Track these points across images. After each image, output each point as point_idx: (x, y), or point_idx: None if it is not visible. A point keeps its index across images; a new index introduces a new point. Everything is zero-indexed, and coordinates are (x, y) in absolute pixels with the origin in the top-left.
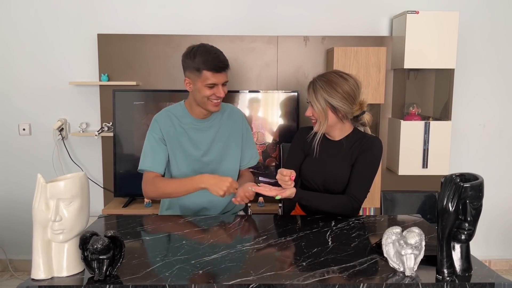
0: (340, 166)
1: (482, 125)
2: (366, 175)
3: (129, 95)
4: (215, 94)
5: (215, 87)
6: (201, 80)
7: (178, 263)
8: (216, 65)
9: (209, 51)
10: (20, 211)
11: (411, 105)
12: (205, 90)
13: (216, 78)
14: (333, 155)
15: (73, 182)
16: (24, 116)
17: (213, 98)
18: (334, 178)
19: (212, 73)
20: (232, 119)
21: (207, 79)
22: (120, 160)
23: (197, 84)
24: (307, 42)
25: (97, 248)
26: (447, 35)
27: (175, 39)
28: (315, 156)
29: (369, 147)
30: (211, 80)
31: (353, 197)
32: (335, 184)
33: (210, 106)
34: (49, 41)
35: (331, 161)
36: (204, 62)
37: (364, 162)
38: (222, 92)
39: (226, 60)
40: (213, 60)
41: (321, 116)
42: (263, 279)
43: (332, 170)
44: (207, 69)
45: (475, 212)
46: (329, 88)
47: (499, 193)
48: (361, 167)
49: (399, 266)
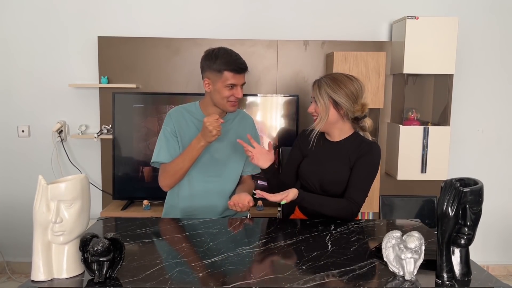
0: (338, 167)
1: (480, 130)
2: (365, 179)
3: (129, 97)
4: (234, 95)
5: (234, 88)
6: (222, 81)
7: (178, 265)
8: (238, 67)
9: (230, 53)
10: (18, 213)
11: (410, 110)
12: (225, 90)
13: (236, 79)
14: (331, 156)
15: (74, 184)
16: (23, 118)
17: (231, 99)
18: (331, 179)
19: (233, 74)
20: (243, 124)
21: (227, 79)
22: (119, 162)
23: (217, 84)
24: (307, 47)
25: (97, 250)
26: (446, 41)
27: (175, 42)
28: (313, 156)
29: (368, 151)
30: (231, 81)
31: (352, 201)
32: (331, 184)
33: (229, 106)
34: (50, 43)
35: (328, 162)
36: (225, 63)
37: (363, 166)
38: (240, 93)
39: (245, 62)
40: (235, 62)
41: (322, 111)
42: (263, 282)
43: (329, 170)
44: (229, 70)
45: (475, 216)
46: (333, 84)
47: (498, 198)
48: (360, 172)
49: (399, 270)
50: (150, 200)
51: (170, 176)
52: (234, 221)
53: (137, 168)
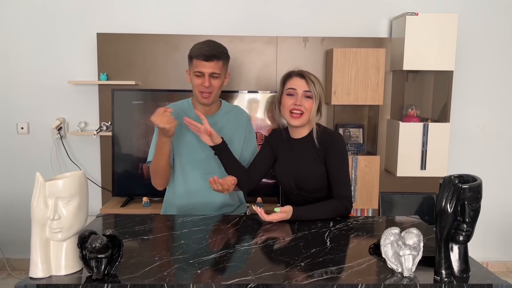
0: (309, 163)
1: (480, 127)
2: (342, 172)
3: (128, 94)
4: (202, 84)
5: (202, 76)
6: (192, 69)
7: (176, 262)
8: (202, 53)
9: (206, 43)
10: (17, 210)
11: (410, 107)
12: (195, 79)
13: (203, 67)
14: (300, 153)
15: (72, 181)
16: (22, 115)
17: (201, 89)
18: (304, 175)
19: (200, 61)
20: (237, 119)
21: (195, 67)
22: (119, 159)
23: (190, 74)
24: (306, 43)
25: (96, 247)
26: (446, 37)
27: (174, 39)
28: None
29: (332, 143)
30: (198, 68)
31: (343, 198)
32: (306, 181)
33: (200, 97)
34: (49, 40)
35: (299, 159)
36: (195, 50)
37: (335, 160)
38: (207, 82)
39: (216, 51)
40: (201, 49)
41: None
42: (262, 279)
43: (302, 167)
44: (196, 57)
45: (474, 213)
46: (321, 85)
47: (497, 195)
48: (334, 167)
49: (397, 267)
50: (150, 197)
51: (154, 174)
52: (232, 218)
53: (137, 165)
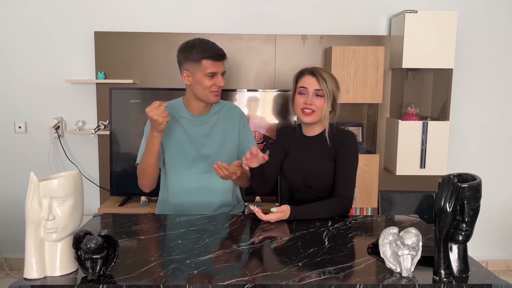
0: (318, 161)
1: (480, 126)
2: (349, 172)
3: (126, 93)
4: (216, 84)
5: (215, 76)
6: (201, 70)
7: (173, 263)
8: (215, 53)
9: (206, 42)
10: (15, 210)
11: (409, 105)
12: (206, 80)
13: (215, 67)
14: (311, 151)
15: (66, 181)
16: (20, 114)
17: (213, 88)
18: (313, 174)
19: (212, 62)
20: (229, 116)
21: (206, 68)
22: (117, 158)
23: (196, 75)
24: (305, 41)
25: (91, 247)
26: (446, 35)
27: (172, 37)
28: (293, 153)
29: (343, 142)
30: (211, 69)
31: (343, 197)
32: (314, 179)
33: (211, 97)
34: (46, 38)
35: (309, 157)
36: (203, 51)
37: (343, 158)
38: (221, 81)
39: (222, 49)
40: (212, 49)
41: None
42: (259, 279)
43: (311, 165)
44: (207, 58)
45: (473, 212)
46: (335, 82)
47: (497, 193)
48: (342, 166)
49: (396, 267)
50: (148, 196)
51: (141, 174)
52: (230, 218)
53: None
